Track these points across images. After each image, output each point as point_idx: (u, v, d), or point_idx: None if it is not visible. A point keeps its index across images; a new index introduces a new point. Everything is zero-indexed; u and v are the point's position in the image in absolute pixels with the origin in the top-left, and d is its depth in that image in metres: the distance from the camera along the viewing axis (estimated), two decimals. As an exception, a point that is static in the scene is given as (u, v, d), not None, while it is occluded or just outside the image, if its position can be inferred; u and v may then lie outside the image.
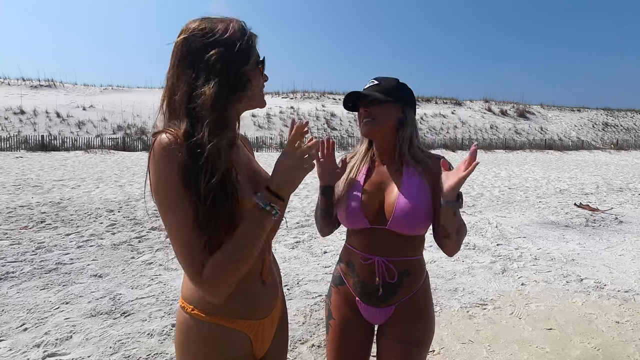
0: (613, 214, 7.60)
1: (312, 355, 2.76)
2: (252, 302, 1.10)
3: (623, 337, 3.04)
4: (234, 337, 1.07)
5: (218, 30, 1.00)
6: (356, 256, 1.47)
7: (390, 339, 1.45)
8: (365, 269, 1.45)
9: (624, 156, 27.19)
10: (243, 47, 1.01)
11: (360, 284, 1.46)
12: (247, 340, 1.10)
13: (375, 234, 1.43)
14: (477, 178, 13.05)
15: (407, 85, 1.50)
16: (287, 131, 20.51)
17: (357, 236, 1.48)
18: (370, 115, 1.43)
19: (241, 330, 1.08)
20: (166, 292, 3.69)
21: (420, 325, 1.46)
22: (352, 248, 1.50)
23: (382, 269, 1.42)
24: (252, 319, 1.10)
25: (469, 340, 2.98)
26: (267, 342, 1.17)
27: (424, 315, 1.47)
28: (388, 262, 1.41)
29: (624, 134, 41.16)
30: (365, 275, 1.45)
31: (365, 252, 1.45)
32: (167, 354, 2.71)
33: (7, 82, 32.24)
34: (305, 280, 4.06)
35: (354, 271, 1.48)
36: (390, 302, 1.44)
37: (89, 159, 17.17)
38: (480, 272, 4.40)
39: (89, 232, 5.67)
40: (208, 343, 1.05)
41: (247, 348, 1.10)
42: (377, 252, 1.43)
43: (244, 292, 1.07)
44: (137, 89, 37.07)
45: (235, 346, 1.07)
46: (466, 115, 38.66)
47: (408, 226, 1.38)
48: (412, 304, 1.45)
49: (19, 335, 2.89)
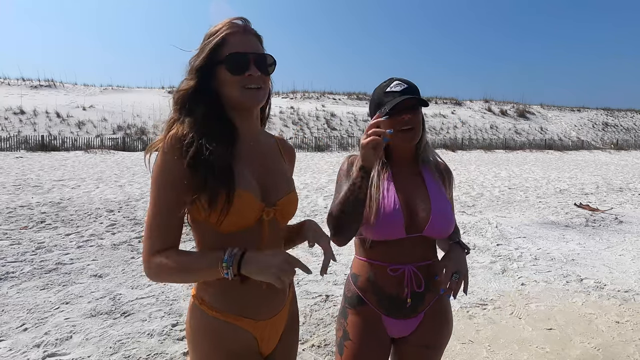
0: (613, 214, 7.60)
1: (312, 355, 2.76)
2: (258, 303, 1.11)
3: (623, 337, 3.04)
4: (237, 334, 1.09)
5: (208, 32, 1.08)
6: (381, 269, 1.37)
7: (417, 346, 1.40)
8: (393, 281, 1.36)
9: (624, 156, 27.20)
10: (207, 46, 1.06)
11: (387, 300, 1.37)
12: (252, 339, 1.12)
13: (407, 243, 1.35)
14: (477, 178, 13.06)
15: None
16: (287, 131, 20.34)
17: (383, 247, 1.37)
18: (411, 124, 1.34)
19: (246, 329, 1.10)
20: (166, 292, 3.69)
21: (448, 326, 1.44)
22: (374, 261, 1.39)
23: (411, 278, 1.35)
24: (257, 319, 1.11)
25: (469, 340, 2.98)
26: (273, 341, 1.18)
27: (449, 316, 1.45)
28: (417, 270, 1.36)
29: (624, 134, 41.15)
30: (392, 288, 1.36)
31: (393, 263, 1.36)
32: (167, 354, 2.71)
33: (7, 82, 32.21)
34: (305, 280, 4.06)
35: (377, 286, 1.38)
36: (420, 309, 1.39)
37: (89, 159, 17.17)
38: (480, 272, 4.40)
39: (89, 232, 5.67)
40: (213, 334, 1.09)
41: (252, 346, 1.12)
42: (407, 261, 1.36)
43: (249, 293, 1.09)
44: (137, 89, 37.04)
45: (239, 342, 1.10)
46: (466, 115, 38.65)
47: (444, 230, 1.36)
48: (439, 306, 1.42)
49: (19, 335, 2.89)
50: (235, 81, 1.06)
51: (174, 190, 1.00)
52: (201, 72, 1.07)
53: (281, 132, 28.96)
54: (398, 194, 1.37)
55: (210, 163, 0.99)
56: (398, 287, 1.36)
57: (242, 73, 1.05)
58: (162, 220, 1.01)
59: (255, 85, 1.07)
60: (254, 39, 1.11)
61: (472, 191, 10.30)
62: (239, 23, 1.08)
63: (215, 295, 1.09)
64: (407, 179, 1.41)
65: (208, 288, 1.10)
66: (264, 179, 1.12)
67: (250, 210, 1.03)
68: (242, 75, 1.05)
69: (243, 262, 0.97)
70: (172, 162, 1.00)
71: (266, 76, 1.10)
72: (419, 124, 1.36)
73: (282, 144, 1.29)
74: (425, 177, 1.41)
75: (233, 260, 0.97)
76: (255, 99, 1.09)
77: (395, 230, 1.33)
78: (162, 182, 1.01)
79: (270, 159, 1.19)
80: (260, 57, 1.08)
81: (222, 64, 1.05)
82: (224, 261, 0.97)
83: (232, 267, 0.96)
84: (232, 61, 1.05)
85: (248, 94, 1.07)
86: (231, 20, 1.08)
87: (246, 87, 1.06)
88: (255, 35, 1.12)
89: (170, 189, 1.00)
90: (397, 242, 1.35)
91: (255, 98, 1.08)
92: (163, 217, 1.01)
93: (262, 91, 1.09)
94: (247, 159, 1.10)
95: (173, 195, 1.00)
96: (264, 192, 1.10)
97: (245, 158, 1.10)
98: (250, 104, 1.09)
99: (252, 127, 1.16)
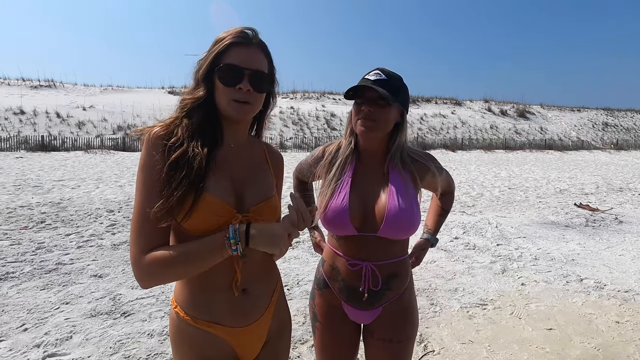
0: (613, 214, 7.60)
1: (312, 355, 2.76)
2: (230, 310, 1.10)
3: (623, 337, 3.04)
4: (212, 340, 1.10)
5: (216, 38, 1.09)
6: (342, 261, 1.41)
7: (379, 339, 1.44)
8: (352, 274, 1.39)
9: (624, 156, 27.18)
10: (211, 53, 1.07)
11: (346, 289, 1.41)
12: (227, 346, 1.11)
13: (363, 240, 1.36)
14: (477, 178, 13.06)
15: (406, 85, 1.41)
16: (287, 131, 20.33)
17: (342, 241, 1.41)
18: (372, 116, 1.31)
19: (220, 336, 1.10)
20: (166, 292, 3.69)
21: (408, 323, 1.44)
22: (337, 252, 1.42)
23: (368, 275, 1.36)
24: (232, 326, 1.11)
25: (469, 340, 2.98)
26: (253, 349, 1.17)
27: (410, 313, 1.45)
28: (375, 268, 1.36)
29: (624, 134, 41.14)
30: (352, 280, 1.39)
31: (352, 258, 1.38)
32: (167, 354, 2.71)
33: (7, 82, 32.21)
34: (305, 280, 4.06)
35: (339, 275, 1.42)
36: (377, 304, 1.41)
37: (89, 159, 17.16)
38: (480, 272, 4.40)
39: (89, 233, 5.67)
40: (187, 340, 1.10)
41: (228, 352, 1.12)
42: (365, 258, 1.37)
43: (221, 299, 1.09)
44: (137, 89, 37.05)
45: (213, 348, 1.10)
46: (466, 115, 38.65)
47: (399, 232, 1.33)
48: (399, 304, 1.43)
49: (19, 336, 2.89)
50: (225, 91, 1.06)
51: (156, 186, 0.99)
52: (208, 82, 1.07)
53: (281, 132, 28.97)
54: (355, 192, 1.36)
55: (189, 165, 1.00)
56: (356, 281, 1.38)
57: (232, 85, 1.05)
58: (148, 218, 0.99)
59: (243, 100, 1.06)
60: (258, 53, 1.09)
61: (472, 191, 10.30)
62: (245, 34, 1.07)
63: (188, 301, 1.09)
64: (371, 177, 1.39)
65: (182, 293, 1.11)
66: (241, 185, 1.11)
67: (214, 214, 1.03)
68: (233, 87, 1.05)
69: (250, 235, 0.98)
70: (154, 159, 1.00)
71: (258, 93, 1.09)
72: (384, 120, 1.32)
73: (269, 149, 1.28)
74: (391, 177, 1.37)
75: (239, 235, 0.97)
76: (240, 113, 1.08)
77: (342, 228, 1.34)
78: (144, 179, 1.01)
79: (252, 166, 1.18)
80: (256, 74, 1.06)
81: (217, 73, 1.06)
82: (229, 238, 0.97)
83: (240, 242, 0.97)
84: (225, 72, 1.05)
85: (233, 106, 1.07)
86: (239, 30, 1.07)
87: (234, 99, 1.06)
88: (261, 48, 1.10)
89: (153, 185, 1.00)
90: (354, 238, 1.36)
91: (240, 112, 1.07)
92: (149, 214, 0.98)
93: (250, 106, 1.08)
94: (226, 164, 1.10)
95: (156, 192, 0.99)
96: (239, 198, 1.10)
97: (224, 163, 1.10)
98: (233, 116, 1.09)
99: (239, 135, 1.16)
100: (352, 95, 1.36)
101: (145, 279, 0.99)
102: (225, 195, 1.06)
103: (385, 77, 1.31)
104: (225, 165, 1.10)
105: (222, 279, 1.09)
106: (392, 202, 1.32)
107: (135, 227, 1.00)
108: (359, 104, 1.35)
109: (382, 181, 1.37)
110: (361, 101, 1.34)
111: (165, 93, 35.00)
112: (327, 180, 1.41)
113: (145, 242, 0.99)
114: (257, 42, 1.09)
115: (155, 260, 0.97)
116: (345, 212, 1.33)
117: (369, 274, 1.36)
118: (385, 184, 1.36)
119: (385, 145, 1.40)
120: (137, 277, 1.00)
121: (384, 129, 1.35)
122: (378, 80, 1.30)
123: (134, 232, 1.00)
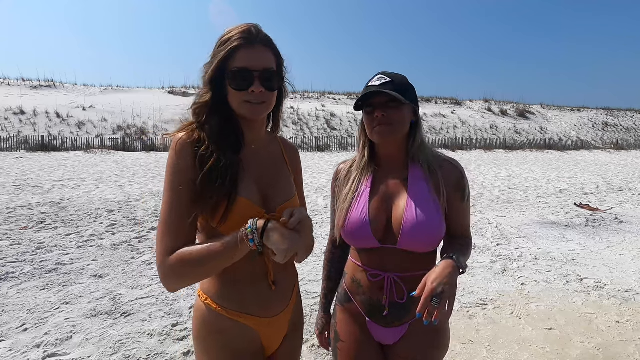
0: (613, 214, 7.60)
1: (312, 355, 2.76)
2: (261, 301, 1.14)
3: (623, 337, 3.04)
4: (242, 331, 1.12)
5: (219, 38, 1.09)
6: (363, 273, 1.33)
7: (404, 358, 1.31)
8: (374, 286, 1.30)
9: (624, 156, 27.18)
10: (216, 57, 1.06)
11: (368, 302, 1.32)
12: (256, 335, 1.14)
13: (386, 252, 1.28)
14: (477, 178, 13.05)
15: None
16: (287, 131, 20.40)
17: (363, 253, 1.33)
18: (387, 120, 1.25)
19: (249, 326, 1.13)
20: (166, 292, 3.69)
21: (436, 344, 1.32)
22: (358, 264, 1.35)
23: (392, 287, 1.27)
24: (261, 316, 1.14)
25: (469, 340, 2.98)
26: (276, 340, 1.21)
27: (441, 334, 1.32)
28: (399, 280, 1.27)
29: (624, 133, 41.14)
30: (373, 293, 1.30)
31: (374, 269, 1.30)
32: (167, 354, 2.71)
33: (7, 82, 32.21)
34: (305, 280, 4.07)
35: (360, 287, 1.34)
36: (404, 320, 1.30)
37: (89, 159, 17.16)
38: (480, 272, 4.40)
39: (89, 233, 5.67)
40: (217, 332, 1.11)
41: (256, 342, 1.15)
42: (388, 269, 1.28)
43: (253, 291, 1.13)
44: (137, 89, 37.02)
45: (243, 339, 1.12)
46: (466, 115, 38.65)
47: (419, 245, 1.24)
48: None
49: (19, 336, 2.90)
50: (238, 95, 1.07)
51: (186, 191, 1.02)
52: (214, 85, 1.08)
53: (281, 132, 28.92)
54: (374, 202, 1.29)
55: (224, 173, 1.02)
56: (378, 293, 1.30)
57: (245, 89, 1.06)
58: (176, 220, 1.01)
59: (257, 101, 1.08)
60: (263, 51, 1.08)
61: (472, 191, 10.28)
62: (249, 32, 1.06)
63: (220, 292, 1.12)
64: (390, 185, 1.31)
65: (213, 285, 1.13)
66: (266, 186, 1.14)
67: (246, 217, 1.03)
68: (246, 91, 1.06)
69: (265, 232, 0.98)
70: (184, 164, 1.03)
71: (270, 92, 1.10)
72: (400, 122, 1.27)
73: (284, 144, 1.31)
74: (411, 182, 1.29)
75: (257, 228, 0.98)
76: (255, 114, 1.10)
77: (364, 240, 1.28)
78: (173, 182, 1.03)
79: (273, 165, 1.21)
80: (265, 74, 1.07)
81: (227, 79, 1.07)
82: (247, 227, 0.98)
83: (256, 234, 0.98)
84: (235, 77, 1.06)
85: (248, 107, 1.08)
86: (241, 30, 1.06)
87: (248, 101, 1.08)
88: (265, 44, 1.09)
89: (184, 190, 1.02)
90: (375, 250, 1.29)
91: (255, 113, 1.10)
92: (177, 217, 1.01)
93: (264, 105, 1.10)
94: (250, 166, 1.12)
95: (186, 196, 1.02)
96: (265, 198, 1.13)
97: (248, 165, 1.12)
98: (250, 117, 1.11)
99: (257, 134, 1.18)
100: (361, 105, 1.31)
101: (170, 280, 1.00)
102: (253, 198, 1.09)
103: (390, 79, 1.28)
104: (249, 167, 1.12)
105: (252, 271, 1.12)
106: (410, 211, 1.24)
107: (163, 228, 1.02)
108: (370, 112, 1.29)
109: (402, 188, 1.30)
110: (372, 109, 1.29)
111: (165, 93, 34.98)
112: (344, 195, 1.35)
113: (172, 243, 1.00)
114: (261, 39, 1.08)
115: (177, 260, 0.99)
116: (365, 223, 1.27)
117: (392, 286, 1.27)
118: (404, 191, 1.29)
119: (405, 148, 1.34)
120: (163, 279, 1.01)
121: (402, 130, 1.29)
122: (384, 84, 1.27)
123: (161, 233, 1.02)
